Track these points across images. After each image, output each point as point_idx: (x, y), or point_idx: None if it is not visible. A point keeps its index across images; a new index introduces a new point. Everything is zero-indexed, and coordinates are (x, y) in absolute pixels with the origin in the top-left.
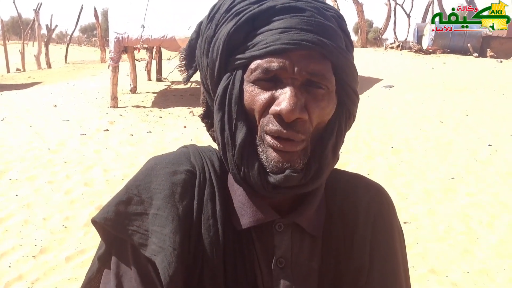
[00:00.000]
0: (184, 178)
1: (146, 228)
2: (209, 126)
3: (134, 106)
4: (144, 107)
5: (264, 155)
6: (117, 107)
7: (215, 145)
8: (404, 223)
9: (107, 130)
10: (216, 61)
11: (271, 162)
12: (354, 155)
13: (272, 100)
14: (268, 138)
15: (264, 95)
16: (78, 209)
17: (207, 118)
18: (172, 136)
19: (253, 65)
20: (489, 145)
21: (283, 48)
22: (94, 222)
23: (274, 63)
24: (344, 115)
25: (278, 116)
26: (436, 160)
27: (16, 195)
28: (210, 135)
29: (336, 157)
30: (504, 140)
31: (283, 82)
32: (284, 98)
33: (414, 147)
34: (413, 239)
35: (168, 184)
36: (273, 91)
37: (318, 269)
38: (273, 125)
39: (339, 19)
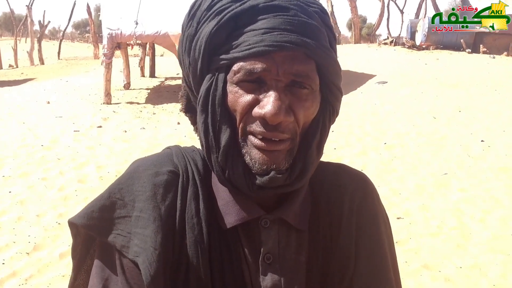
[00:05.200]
0: (166, 179)
1: (129, 231)
2: (193, 120)
3: (127, 103)
4: (138, 103)
5: (248, 157)
6: (111, 104)
7: (199, 144)
8: (397, 218)
9: (100, 126)
10: (198, 61)
11: (255, 163)
12: (347, 151)
13: (255, 102)
14: (252, 138)
15: (247, 97)
16: (72, 205)
17: (189, 112)
18: (165, 132)
19: (236, 66)
20: (482, 140)
21: (266, 50)
22: (72, 223)
23: (258, 65)
24: (328, 112)
25: (262, 119)
26: (429, 156)
27: (10, 191)
28: (194, 130)
29: (320, 154)
30: (496, 136)
31: (267, 84)
32: (268, 101)
33: (407, 143)
34: (406, 235)
35: (150, 186)
36: (257, 93)
37: (306, 262)
38: (257, 127)
39: (322, 14)
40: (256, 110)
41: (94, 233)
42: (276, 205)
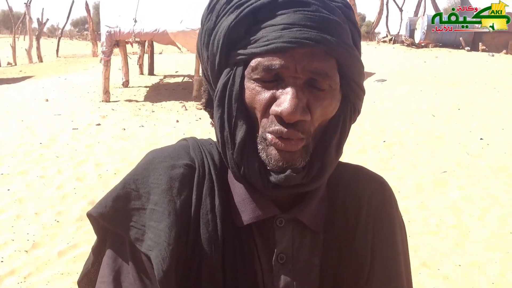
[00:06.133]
0: (183, 172)
1: (143, 223)
2: (212, 115)
3: (126, 100)
4: (137, 101)
5: (264, 154)
6: (109, 101)
7: (213, 137)
8: None
9: (99, 124)
10: (216, 55)
11: (271, 160)
12: (346, 149)
13: (273, 99)
14: (270, 137)
15: (265, 94)
16: (70, 203)
17: (209, 106)
18: (164, 130)
19: (253, 62)
20: (481, 138)
21: (284, 46)
22: (89, 215)
23: (276, 62)
24: (349, 110)
25: (279, 116)
26: (427, 154)
27: (8, 189)
28: (211, 124)
29: (339, 154)
30: (495, 134)
31: (284, 81)
32: (285, 99)
33: (405, 141)
34: None
35: (166, 179)
36: (275, 90)
37: (319, 264)
38: (275, 125)
39: (346, 9)
40: (273, 108)
41: (108, 223)
42: (292, 204)
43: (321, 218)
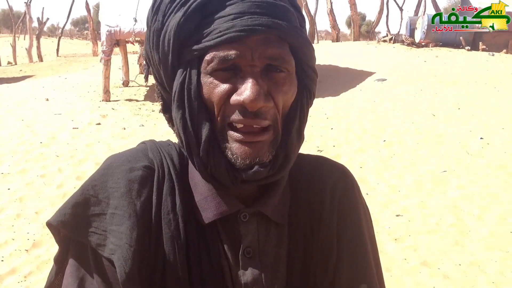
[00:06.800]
0: (141, 174)
1: (104, 229)
2: (169, 120)
3: (126, 100)
4: (137, 100)
5: (229, 152)
6: (109, 101)
7: (174, 139)
8: (397, 216)
9: (99, 123)
10: (168, 55)
11: (238, 159)
12: (346, 148)
13: (232, 90)
14: (231, 132)
15: (224, 86)
16: None
17: (166, 112)
18: (164, 129)
19: (208, 56)
20: (481, 138)
21: (238, 35)
22: (49, 225)
23: (231, 52)
24: (306, 95)
25: (241, 106)
26: (427, 153)
27: (8, 189)
28: (171, 128)
29: (301, 140)
30: (495, 133)
31: (242, 70)
32: (246, 87)
33: (405, 140)
34: (405, 232)
35: (125, 182)
36: (233, 81)
37: (286, 256)
38: (236, 116)
39: None
40: (234, 98)
41: (68, 231)
42: (255, 198)
43: (285, 210)
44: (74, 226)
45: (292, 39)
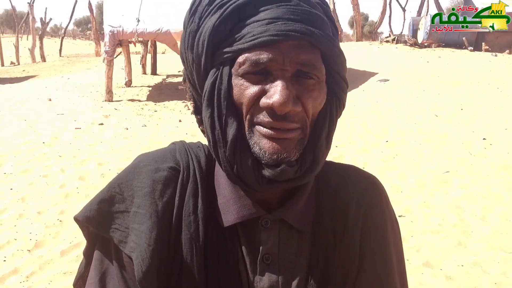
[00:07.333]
0: (166, 175)
1: (127, 226)
2: (200, 122)
3: (129, 100)
4: (139, 100)
5: (257, 147)
6: (112, 101)
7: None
8: (399, 216)
9: (101, 123)
10: (202, 56)
11: (265, 153)
12: (349, 148)
13: (262, 93)
14: (260, 128)
15: (254, 88)
16: (73, 202)
17: (197, 114)
18: (167, 130)
19: (241, 58)
20: (484, 138)
21: (271, 39)
22: (76, 219)
23: (263, 55)
24: (335, 103)
25: (269, 109)
26: (430, 153)
27: (11, 189)
28: (201, 130)
29: (329, 147)
30: (498, 134)
31: (273, 75)
32: (276, 90)
33: (408, 140)
34: (407, 232)
35: (149, 182)
36: (263, 84)
37: (306, 265)
38: (265, 117)
39: (324, 6)
40: (264, 100)
41: (93, 226)
42: (278, 205)
43: (309, 218)
44: (99, 221)
45: (324, 47)
